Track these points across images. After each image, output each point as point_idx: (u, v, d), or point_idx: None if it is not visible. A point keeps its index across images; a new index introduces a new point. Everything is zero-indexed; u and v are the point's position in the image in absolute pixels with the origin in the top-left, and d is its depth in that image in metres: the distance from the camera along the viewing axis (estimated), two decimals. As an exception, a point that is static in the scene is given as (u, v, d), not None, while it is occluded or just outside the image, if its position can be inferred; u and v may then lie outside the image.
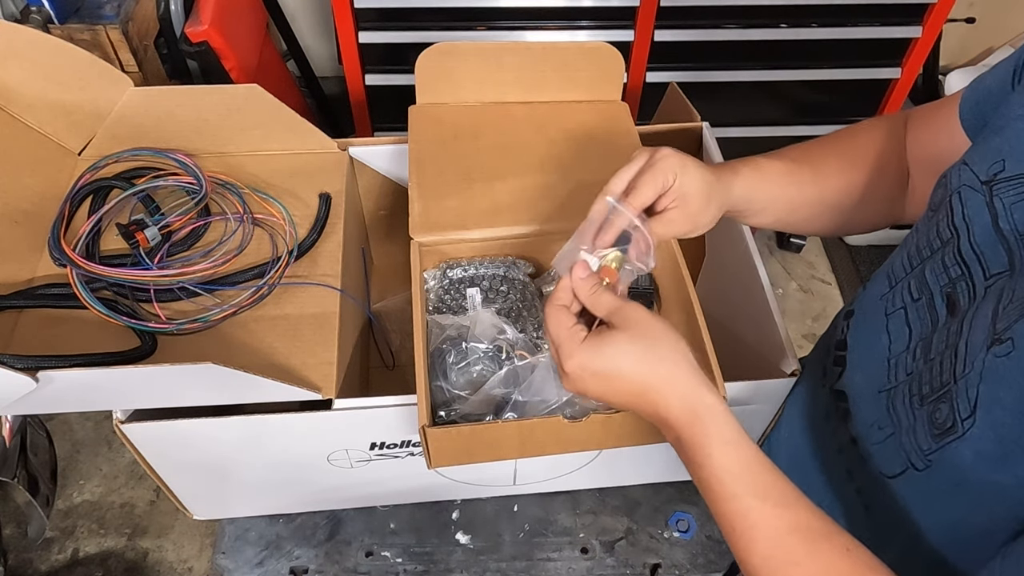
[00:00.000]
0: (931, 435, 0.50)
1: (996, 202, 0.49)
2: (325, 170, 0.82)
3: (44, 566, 1.52)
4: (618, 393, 0.52)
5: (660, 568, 0.83)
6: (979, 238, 0.50)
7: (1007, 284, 0.47)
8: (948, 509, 0.51)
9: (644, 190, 0.57)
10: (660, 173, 0.57)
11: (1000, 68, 0.58)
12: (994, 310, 0.47)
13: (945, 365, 0.50)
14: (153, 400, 0.64)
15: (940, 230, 0.54)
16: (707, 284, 0.92)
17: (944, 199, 0.54)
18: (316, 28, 2.08)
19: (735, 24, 1.62)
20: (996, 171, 0.50)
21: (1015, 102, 0.52)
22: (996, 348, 0.45)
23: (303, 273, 0.73)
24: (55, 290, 0.69)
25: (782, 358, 0.70)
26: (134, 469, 1.64)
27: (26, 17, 1.30)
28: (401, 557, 0.83)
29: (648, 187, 0.57)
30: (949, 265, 0.52)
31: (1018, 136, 0.49)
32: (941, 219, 0.54)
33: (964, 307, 0.50)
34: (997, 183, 0.49)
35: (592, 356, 0.51)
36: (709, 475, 0.49)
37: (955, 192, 0.53)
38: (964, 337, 0.49)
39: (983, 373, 0.46)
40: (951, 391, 0.48)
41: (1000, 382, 0.44)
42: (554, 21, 1.61)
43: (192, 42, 1.49)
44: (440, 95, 0.87)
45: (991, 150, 0.51)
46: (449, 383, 0.69)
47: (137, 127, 0.80)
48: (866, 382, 0.59)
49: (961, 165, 0.54)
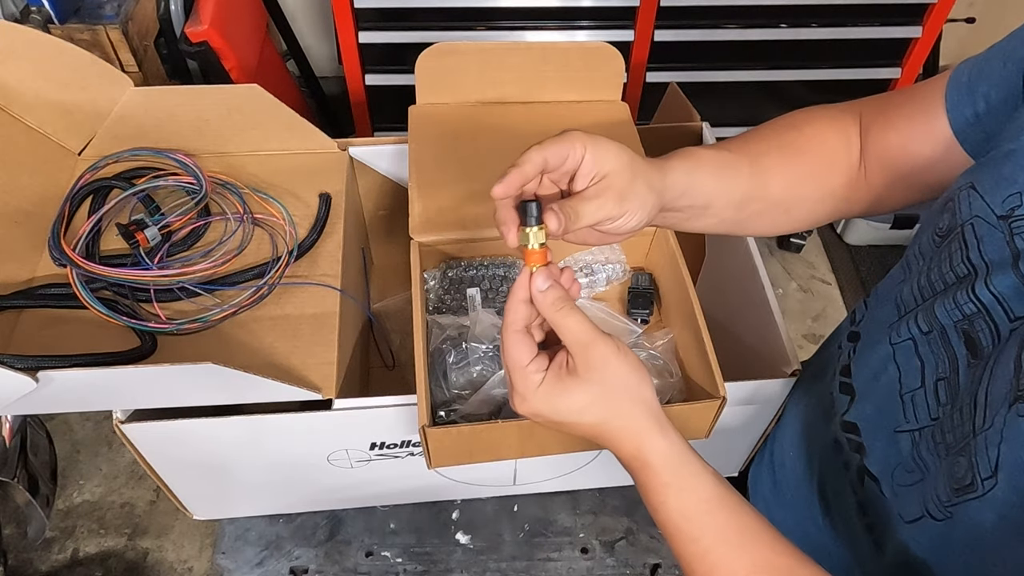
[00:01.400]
0: (950, 488, 0.47)
1: (1018, 241, 0.46)
2: (325, 170, 0.82)
3: (44, 566, 1.52)
4: (571, 433, 0.52)
5: (660, 568, 0.83)
6: (997, 279, 0.47)
7: (1018, 335, 0.44)
8: (967, 565, 0.48)
9: (532, 155, 0.50)
10: (559, 143, 0.51)
11: (993, 69, 0.53)
12: (1017, 361, 0.44)
13: (965, 414, 0.47)
14: (153, 400, 0.64)
15: (954, 264, 0.50)
16: (707, 284, 0.92)
17: (954, 229, 0.50)
18: (316, 28, 2.09)
19: (735, 24, 1.62)
20: (1013, 205, 0.46)
21: None
22: (1019, 406, 0.42)
23: (303, 273, 0.73)
24: (55, 290, 0.69)
25: (782, 358, 0.70)
26: (134, 469, 1.64)
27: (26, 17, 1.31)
28: (401, 557, 0.83)
29: (536, 153, 0.50)
30: (962, 303, 0.49)
31: None
32: (955, 252, 0.50)
33: (987, 348, 0.47)
34: (1015, 220, 0.46)
35: (546, 404, 0.50)
36: (665, 519, 0.49)
37: (967, 223, 0.49)
38: (984, 386, 0.46)
39: (1004, 432, 0.43)
40: (970, 445, 0.46)
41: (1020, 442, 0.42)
42: (554, 21, 1.61)
43: (192, 42, 1.49)
44: (440, 95, 0.87)
45: (1004, 179, 0.47)
46: (449, 383, 0.69)
47: (137, 127, 0.80)
48: (879, 417, 0.56)
49: (970, 190, 0.50)
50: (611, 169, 0.52)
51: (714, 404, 0.63)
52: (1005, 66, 0.52)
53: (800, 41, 1.65)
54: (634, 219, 0.53)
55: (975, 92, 0.55)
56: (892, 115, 0.62)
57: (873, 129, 0.63)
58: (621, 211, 0.52)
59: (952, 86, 0.57)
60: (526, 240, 0.51)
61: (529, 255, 0.52)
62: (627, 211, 0.53)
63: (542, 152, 0.51)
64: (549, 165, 0.52)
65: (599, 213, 0.52)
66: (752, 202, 0.61)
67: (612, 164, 0.52)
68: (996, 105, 0.53)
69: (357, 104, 1.70)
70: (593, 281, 0.80)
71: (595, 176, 0.52)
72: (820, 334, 1.96)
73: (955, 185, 0.52)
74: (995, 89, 0.53)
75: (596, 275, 0.80)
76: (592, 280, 0.80)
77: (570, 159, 0.52)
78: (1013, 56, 0.52)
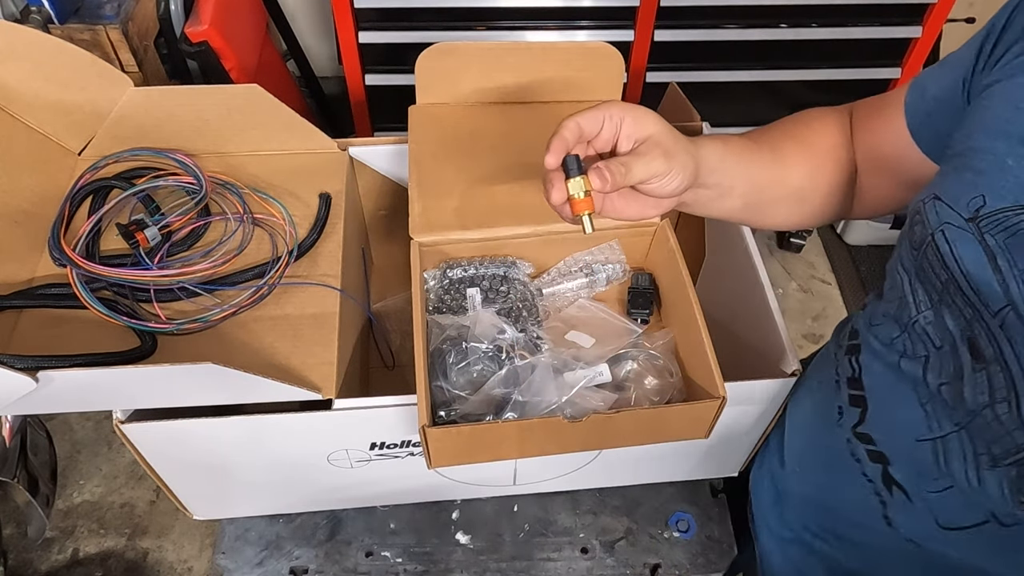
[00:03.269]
0: (1016, 500, 0.48)
1: (988, 239, 0.48)
2: (325, 170, 0.82)
3: (44, 566, 1.52)
4: None
5: (660, 568, 0.83)
6: (978, 278, 0.49)
7: (1007, 331, 0.46)
8: None
9: (568, 123, 0.56)
10: (595, 110, 0.56)
11: (944, 75, 0.57)
12: None
13: (1009, 423, 0.48)
14: (153, 400, 0.64)
15: (936, 271, 0.52)
16: (707, 284, 0.92)
17: (925, 238, 0.52)
18: (316, 28, 2.08)
19: (735, 24, 1.62)
20: (977, 206, 0.49)
21: (976, 126, 0.51)
22: None
23: (303, 273, 0.73)
24: (55, 290, 0.69)
25: (782, 358, 0.70)
26: (134, 469, 1.64)
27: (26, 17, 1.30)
28: (401, 557, 0.83)
29: (572, 120, 0.56)
30: (962, 307, 0.50)
31: (991, 169, 0.48)
32: (933, 260, 0.52)
33: (986, 349, 0.49)
34: (982, 219, 0.48)
35: None
36: None
37: (937, 230, 0.51)
38: (1020, 391, 0.47)
39: None
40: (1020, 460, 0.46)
41: None
42: (554, 21, 1.61)
43: (192, 42, 1.49)
44: (440, 95, 0.87)
45: (965, 184, 0.50)
46: (449, 383, 0.69)
47: (137, 127, 0.80)
48: (898, 427, 0.57)
49: (935, 200, 0.52)
50: (654, 131, 0.56)
51: (714, 404, 0.63)
52: (953, 71, 0.56)
53: (800, 41, 1.65)
54: (677, 179, 0.56)
55: (926, 96, 0.59)
56: (867, 116, 0.66)
57: (855, 130, 0.67)
58: (668, 167, 0.55)
59: (910, 92, 0.61)
60: (570, 190, 0.55)
61: (576, 204, 0.56)
62: (673, 168, 0.56)
63: (576, 119, 0.55)
64: (585, 132, 0.56)
65: (649, 168, 0.55)
66: (773, 187, 0.65)
67: (653, 127, 0.56)
68: (943, 107, 0.57)
69: (357, 104, 1.70)
70: (593, 281, 0.80)
71: (637, 139, 0.56)
72: (820, 334, 1.96)
73: (919, 197, 0.54)
74: (942, 92, 0.57)
75: (596, 275, 0.80)
76: (592, 280, 0.80)
77: (607, 126, 0.56)
78: (960, 62, 0.56)
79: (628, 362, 0.75)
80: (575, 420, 0.62)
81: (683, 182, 0.57)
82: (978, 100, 0.52)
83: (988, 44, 0.53)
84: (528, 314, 0.76)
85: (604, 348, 0.74)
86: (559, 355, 0.71)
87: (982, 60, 0.53)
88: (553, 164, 0.55)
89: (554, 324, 0.78)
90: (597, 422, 0.62)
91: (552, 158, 0.55)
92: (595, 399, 0.67)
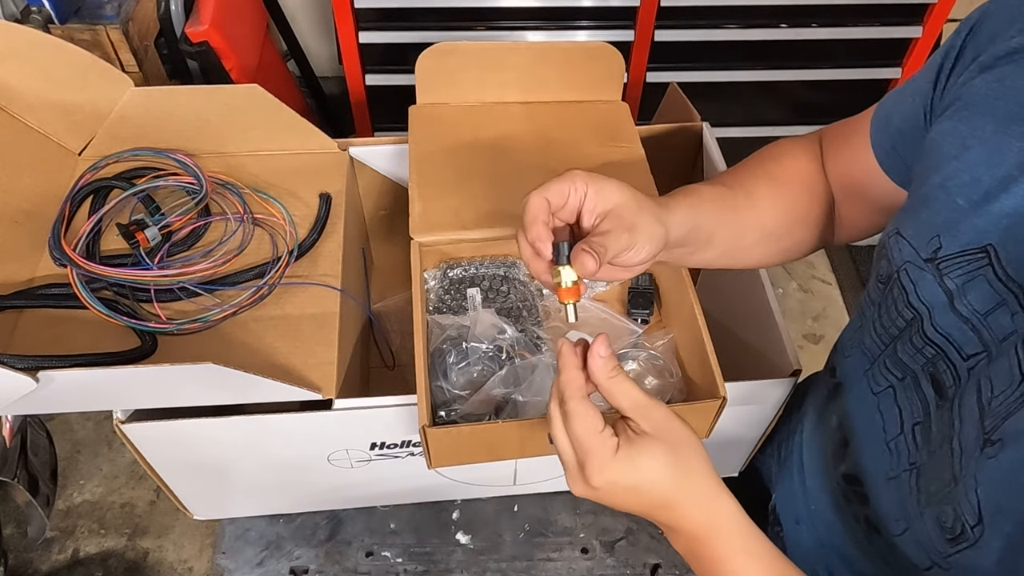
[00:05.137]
0: (943, 538, 0.47)
1: (947, 282, 0.48)
2: (325, 170, 0.82)
3: (44, 566, 1.52)
4: (641, 504, 0.50)
5: (660, 568, 0.83)
6: (940, 320, 0.48)
7: (985, 371, 0.45)
8: None
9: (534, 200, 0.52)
10: (559, 182, 0.53)
11: (906, 104, 0.56)
12: (978, 402, 0.45)
13: (944, 461, 0.47)
14: (153, 400, 0.64)
15: (900, 308, 0.52)
16: (707, 284, 0.92)
17: (891, 274, 0.52)
18: (316, 28, 2.08)
19: (735, 24, 1.62)
20: (934, 248, 0.48)
21: (932, 161, 0.50)
22: (988, 450, 0.43)
23: (303, 273, 0.73)
24: (55, 290, 0.69)
25: (782, 358, 0.70)
26: (134, 469, 1.64)
27: (26, 17, 1.31)
28: (401, 557, 0.83)
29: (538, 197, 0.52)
30: (919, 347, 0.51)
31: (945, 209, 0.48)
32: (897, 297, 0.52)
33: (950, 387, 0.48)
34: (941, 261, 0.48)
35: (626, 471, 0.48)
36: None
37: (901, 268, 0.51)
38: (957, 431, 0.46)
39: (978, 477, 0.43)
40: (953, 493, 0.46)
41: (998, 488, 0.42)
42: (554, 21, 1.61)
43: (192, 42, 1.49)
44: (440, 95, 0.87)
45: (923, 224, 0.49)
46: (449, 383, 0.69)
47: (137, 127, 0.80)
48: (875, 467, 0.57)
49: (897, 237, 0.52)
50: (616, 202, 0.53)
51: (714, 404, 0.63)
52: (914, 100, 0.55)
53: (800, 41, 1.65)
54: (644, 250, 0.53)
55: (891, 126, 0.58)
56: (836, 145, 0.65)
57: (827, 159, 0.65)
58: (632, 241, 0.52)
59: (875, 121, 0.60)
60: (559, 277, 0.53)
61: (564, 293, 0.53)
62: (637, 242, 0.52)
63: (543, 195, 0.52)
64: (553, 205, 0.53)
65: (616, 245, 0.52)
66: (749, 231, 0.62)
67: (616, 198, 0.53)
68: (907, 139, 0.56)
69: (357, 104, 1.70)
70: (593, 281, 0.80)
71: (600, 212, 0.53)
72: (820, 334, 1.96)
73: (885, 231, 0.54)
74: (905, 123, 0.56)
75: (596, 275, 0.80)
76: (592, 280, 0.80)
77: (572, 196, 0.53)
78: (919, 90, 0.54)
79: (628, 362, 0.75)
80: (575, 420, 0.62)
81: (650, 252, 0.54)
82: (931, 133, 0.51)
83: (944, 73, 0.52)
84: (528, 314, 0.76)
85: (604, 348, 0.74)
86: (559, 355, 0.71)
87: (939, 89, 0.52)
88: (532, 252, 0.53)
89: (554, 324, 0.78)
90: (597, 422, 0.62)
91: (544, 246, 0.52)
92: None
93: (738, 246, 0.63)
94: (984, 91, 0.47)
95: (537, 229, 0.52)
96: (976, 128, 0.47)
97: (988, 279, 0.45)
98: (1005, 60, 0.47)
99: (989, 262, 0.45)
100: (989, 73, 0.47)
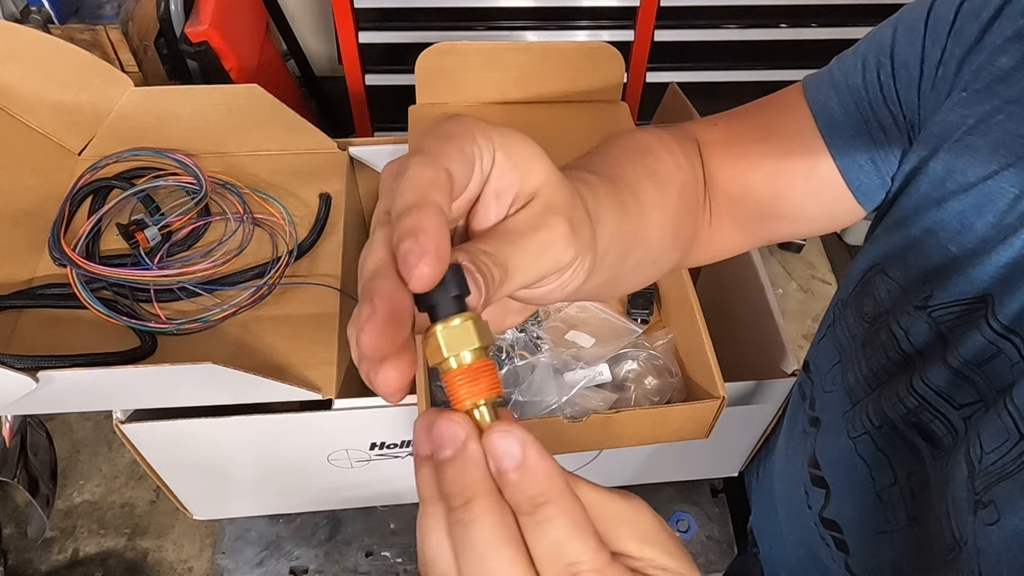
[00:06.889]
0: None
1: (942, 329, 0.44)
2: (325, 170, 0.82)
3: (44, 566, 1.52)
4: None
5: (660, 568, 0.83)
6: (932, 373, 0.45)
7: (976, 425, 0.42)
8: None
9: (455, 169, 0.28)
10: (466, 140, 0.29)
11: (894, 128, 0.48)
12: (967, 459, 0.41)
13: (943, 524, 0.43)
14: (153, 400, 0.64)
15: (890, 355, 0.48)
16: (707, 284, 0.92)
17: (880, 316, 0.48)
18: (316, 28, 2.08)
19: (735, 24, 1.62)
20: (925, 295, 0.45)
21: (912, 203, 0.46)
22: (982, 514, 0.39)
23: (303, 273, 0.73)
24: (55, 290, 0.69)
25: (782, 358, 0.70)
26: (134, 469, 1.63)
27: (26, 17, 1.30)
28: (401, 557, 0.83)
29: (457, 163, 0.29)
30: (903, 396, 0.47)
31: (934, 255, 0.44)
32: (887, 342, 0.48)
33: (944, 438, 0.45)
34: (934, 309, 0.45)
35: None
36: None
37: (890, 313, 0.47)
38: (951, 490, 0.43)
39: (978, 544, 0.40)
40: (956, 560, 0.42)
41: (995, 557, 0.39)
42: (554, 21, 1.61)
43: (192, 42, 1.49)
44: (440, 95, 0.87)
45: (911, 268, 0.45)
46: (449, 383, 0.69)
47: (137, 127, 0.80)
48: (860, 516, 0.52)
49: (883, 276, 0.47)
50: (543, 180, 0.31)
51: (714, 404, 0.63)
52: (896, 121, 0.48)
53: (800, 41, 1.65)
54: (582, 269, 0.33)
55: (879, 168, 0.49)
56: (750, 152, 0.52)
57: (724, 165, 0.52)
58: (573, 253, 0.31)
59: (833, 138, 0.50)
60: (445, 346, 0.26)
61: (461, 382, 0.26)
62: (579, 255, 0.32)
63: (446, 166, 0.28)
64: (457, 186, 0.28)
65: (543, 260, 0.30)
66: (635, 248, 0.42)
67: (541, 171, 0.31)
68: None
69: (357, 104, 1.70)
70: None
71: (517, 194, 0.30)
72: (820, 334, 1.96)
73: (861, 264, 0.50)
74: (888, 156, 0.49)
75: (596, 275, 0.80)
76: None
77: (476, 167, 0.29)
78: None
79: (628, 362, 0.75)
80: (575, 420, 0.62)
81: (586, 271, 0.34)
82: (913, 174, 0.47)
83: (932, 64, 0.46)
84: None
85: (604, 348, 0.75)
86: (559, 355, 0.71)
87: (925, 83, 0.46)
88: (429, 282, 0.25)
89: (554, 324, 0.78)
90: (597, 422, 0.62)
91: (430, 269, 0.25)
92: (595, 399, 0.67)
93: (624, 269, 0.42)
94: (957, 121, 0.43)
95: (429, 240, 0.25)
96: (955, 171, 0.43)
97: (981, 330, 0.42)
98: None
99: (985, 313, 0.42)
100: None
